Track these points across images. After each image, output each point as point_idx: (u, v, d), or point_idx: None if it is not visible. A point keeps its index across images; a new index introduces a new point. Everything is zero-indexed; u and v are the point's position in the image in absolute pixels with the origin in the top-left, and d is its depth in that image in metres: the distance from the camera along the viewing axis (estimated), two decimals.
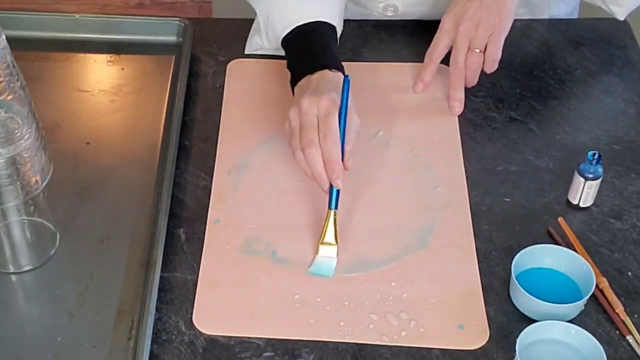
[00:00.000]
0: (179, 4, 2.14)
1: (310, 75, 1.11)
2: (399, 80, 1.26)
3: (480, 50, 1.18)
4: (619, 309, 0.99)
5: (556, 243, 1.05)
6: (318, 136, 1.03)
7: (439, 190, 1.12)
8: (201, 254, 1.04)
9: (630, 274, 1.03)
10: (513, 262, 0.99)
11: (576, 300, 0.97)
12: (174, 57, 1.29)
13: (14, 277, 1.03)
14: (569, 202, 1.10)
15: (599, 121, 1.22)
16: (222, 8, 1.29)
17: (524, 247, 1.01)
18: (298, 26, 1.17)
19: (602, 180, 1.08)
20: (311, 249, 1.04)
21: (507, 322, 0.98)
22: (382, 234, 1.07)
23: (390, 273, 1.02)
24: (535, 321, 0.96)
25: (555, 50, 1.32)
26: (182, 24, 1.31)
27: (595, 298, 1.00)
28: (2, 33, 0.89)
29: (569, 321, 0.96)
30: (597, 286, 1.00)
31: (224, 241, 1.06)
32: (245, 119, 1.20)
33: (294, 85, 1.13)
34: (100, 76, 1.27)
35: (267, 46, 1.26)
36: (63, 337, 0.96)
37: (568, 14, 1.43)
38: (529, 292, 0.96)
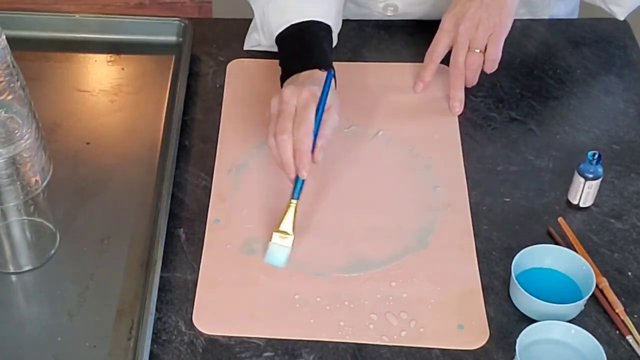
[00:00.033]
0: (179, 4, 2.14)
1: (299, 74, 1.12)
2: (399, 80, 1.26)
3: (480, 51, 1.18)
4: (619, 309, 0.99)
5: (556, 243, 1.05)
6: (293, 125, 1.04)
7: (439, 190, 1.12)
8: (201, 254, 1.04)
9: (630, 274, 1.03)
10: (513, 262, 0.99)
11: (576, 300, 0.97)
12: (174, 57, 1.29)
13: (14, 277, 1.03)
14: (569, 202, 1.10)
15: (599, 121, 1.22)
16: (222, 8, 1.29)
17: (524, 247, 1.01)
18: (292, 24, 1.18)
19: (602, 180, 1.08)
20: (311, 250, 1.04)
21: (507, 322, 0.98)
22: (382, 234, 1.07)
23: (390, 273, 1.02)
24: (535, 321, 0.96)
25: (555, 50, 1.32)
26: (182, 24, 1.31)
27: (595, 298, 1.00)
28: (2, 33, 0.89)
29: (569, 321, 0.96)
30: (597, 286, 1.00)
31: (224, 241, 1.06)
32: (245, 119, 1.20)
33: (283, 82, 1.15)
34: (100, 76, 1.27)
35: (264, 43, 1.27)
36: (63, 337, 0.96)
37: (568, 14, 1.43)
38: (529, 292, 0.96)
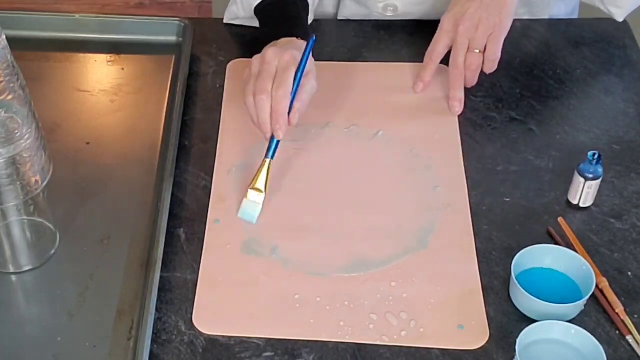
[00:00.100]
0: (179, 4, 2.14)
1: (277, 40, 1.15)
2: (399, 80, 1.26)
3: (480, 51, 1.18)
4: (619, 309, 0.99)
5: (556, 243, 1.05)
6: (272, 86, 1.06)
7: (439, 190, 1.12)
8: (201, 254, 1.04)
9: (630, 274, 1.03)
10: (513, 262, 0.99)
11: (576, 300, 0.97)
12: (174, 57, 1.29)
13: (14, 277, 1.03)
14: (569, 202, 1.10)
15: (599, 121, 1.22)
16: (222, 8, 1.29)
17: (524, 247, 1.01)
18: None
19: (602, 180, 1.08)
20: (311, 250, 1.04)
21: (507, 322, 0.98)
22: (382, 234, 1.07)
23: (390, 273, 1.02)
24: (535, 321, 0.96)
25: (555, 50, 1.32)
26: (182, 24, 1.31)
27: (595, 298, 1.00)
28: (2, 33, 0.89)
29: (569, 321, 0.96)
30: (597, 286, 1.00)
31: (224, 241, 1.06)
32: (245, 119, 1.20)
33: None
34: (100, 76, 1.27)
35: (242, 14, 1.30)
36: (63, 337, 0.96)
37: (568, 14, 1.43)
38: (529, 292, 0.96)
